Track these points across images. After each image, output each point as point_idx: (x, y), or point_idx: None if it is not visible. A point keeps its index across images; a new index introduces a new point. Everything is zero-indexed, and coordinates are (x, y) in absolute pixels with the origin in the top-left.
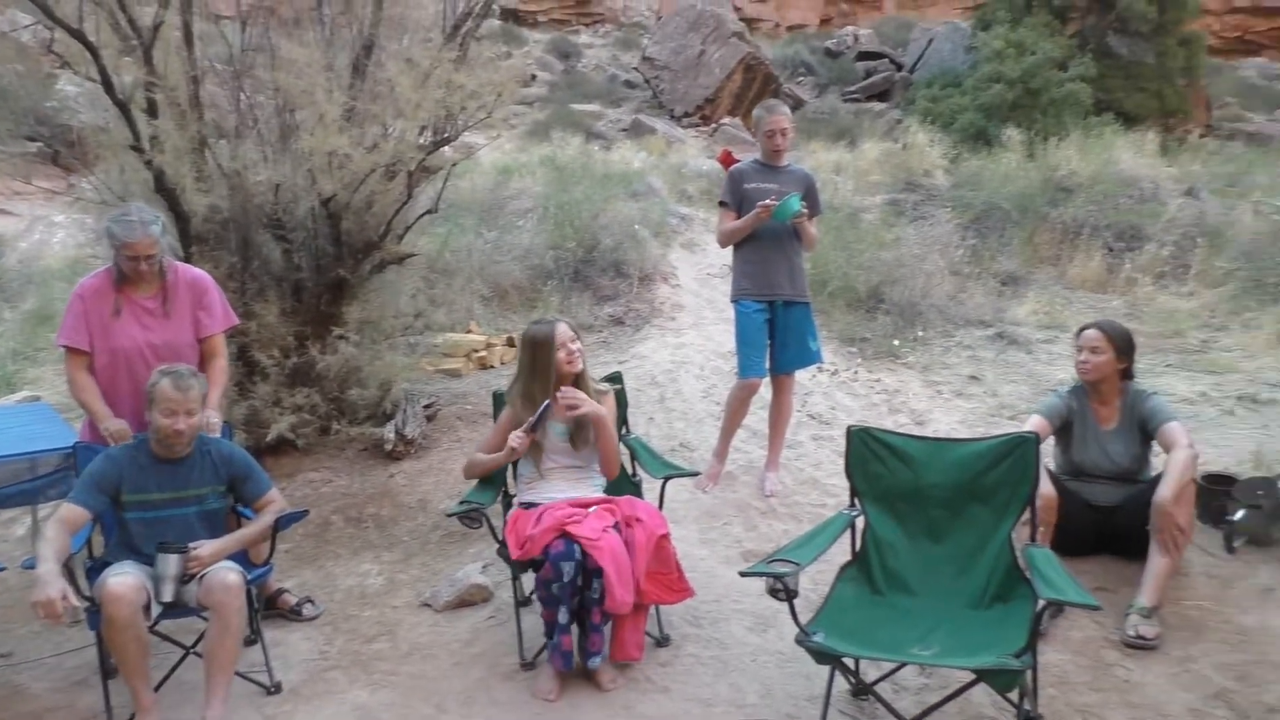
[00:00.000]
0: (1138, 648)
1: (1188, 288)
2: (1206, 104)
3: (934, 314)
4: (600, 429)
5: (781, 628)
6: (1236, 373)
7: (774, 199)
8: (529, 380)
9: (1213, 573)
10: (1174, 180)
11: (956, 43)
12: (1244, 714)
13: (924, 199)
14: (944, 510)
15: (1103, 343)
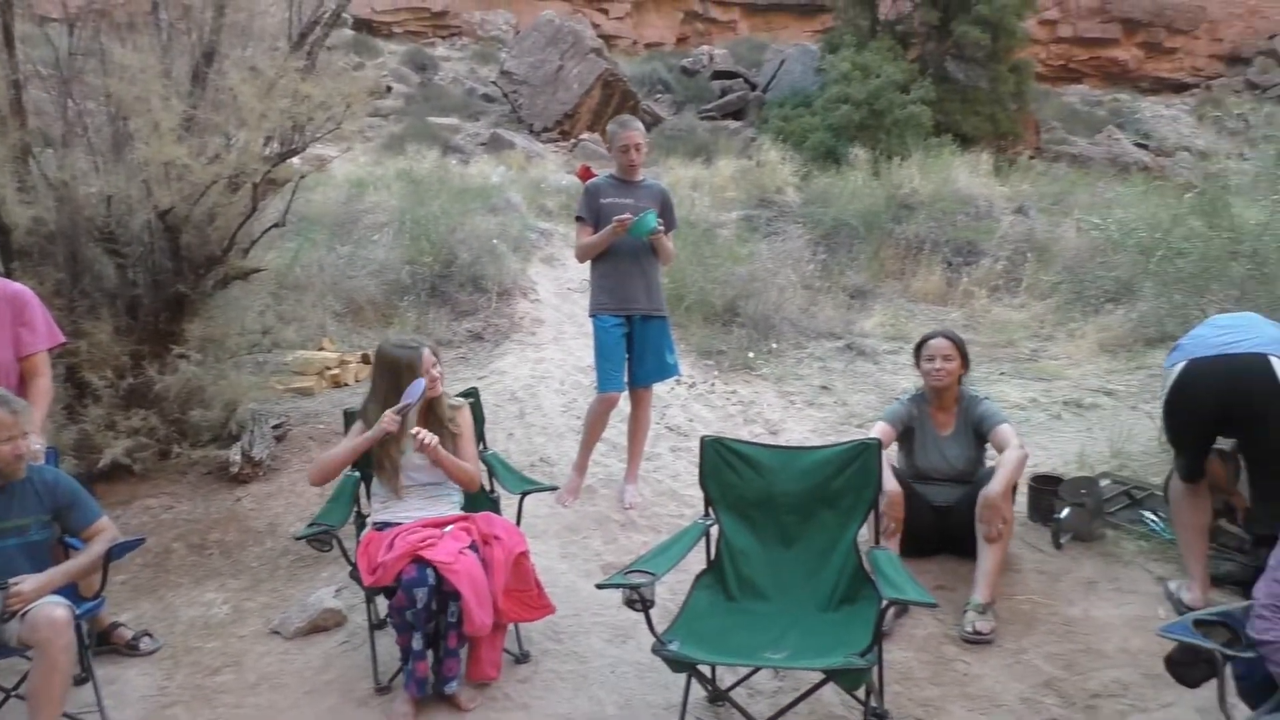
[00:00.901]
0: (975, 642)
1: (1019, 300)
2: (1036, 127)
3: (787, 327)
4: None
5: (640, 638)
6: (1063, 379)
7: (629, 214)
8: (392, 405)
9: (1042, 568)
10: (1006, 199)
11: (807, 64)
12: (1070, 700)
13: (777, 215)
14: (794, 516)
15: (952, 351)
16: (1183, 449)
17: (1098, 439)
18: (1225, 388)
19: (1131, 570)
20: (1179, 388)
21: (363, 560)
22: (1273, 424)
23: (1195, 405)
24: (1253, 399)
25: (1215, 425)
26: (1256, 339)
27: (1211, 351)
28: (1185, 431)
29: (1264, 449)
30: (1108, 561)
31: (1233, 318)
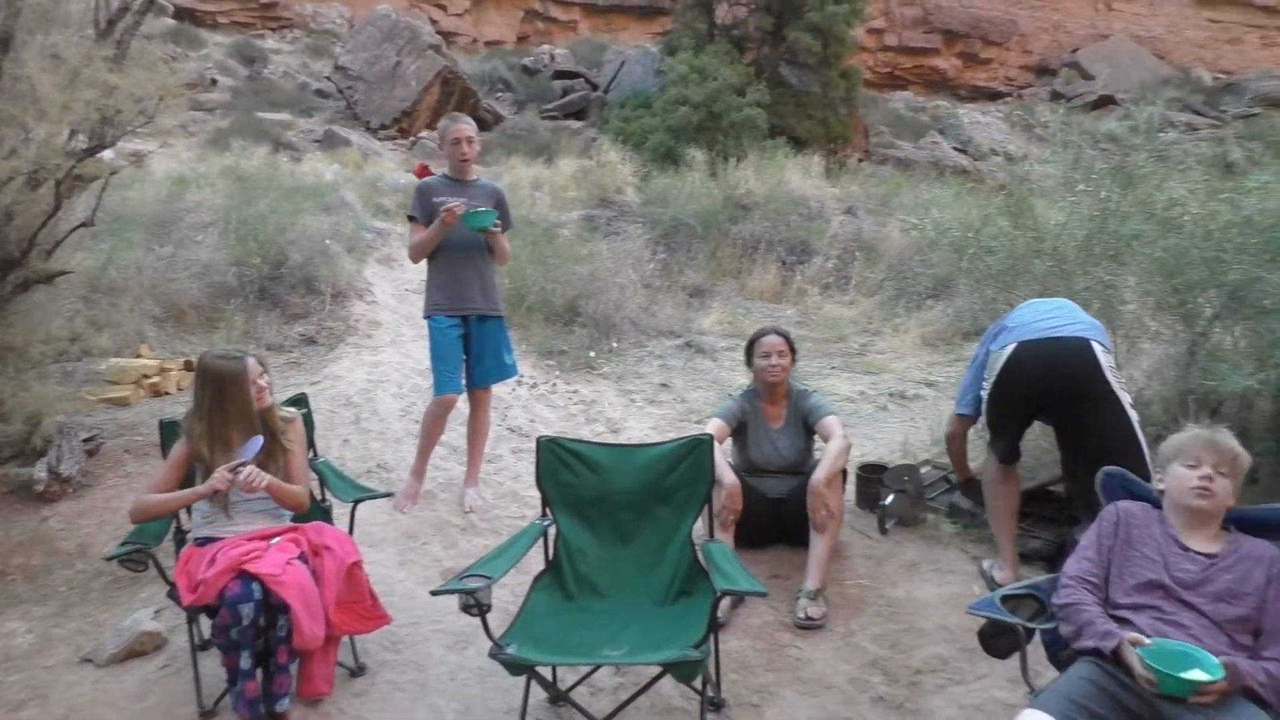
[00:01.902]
0: (807, 628)
1: (849, 297)
2: (865, 131)
3: (628, 326)
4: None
5: (480, 644)
6: (889, 372)
7: (460, 205)
8: (218, 421)
9: (869, 553)
10: (836, 200)
11: (647, 66)
12: (895, 678)
13: (617, 215)
14: (630, 513)
15: (785, 347)
16: (1005, 430)
17: (920, 428)
18: (1050, 369)
19: (950, 551)
20: (1009, 368)
21: (182, 578)
22: (1090, 406)
23: (1023, 385)
24: (1074, 381)
25: (1038, 406)
26: (1077, 324)
27: (1038, 335)
28: (1011, 411)
29: (1081, 430)
30: (929, 544)
31: (1051, 302)
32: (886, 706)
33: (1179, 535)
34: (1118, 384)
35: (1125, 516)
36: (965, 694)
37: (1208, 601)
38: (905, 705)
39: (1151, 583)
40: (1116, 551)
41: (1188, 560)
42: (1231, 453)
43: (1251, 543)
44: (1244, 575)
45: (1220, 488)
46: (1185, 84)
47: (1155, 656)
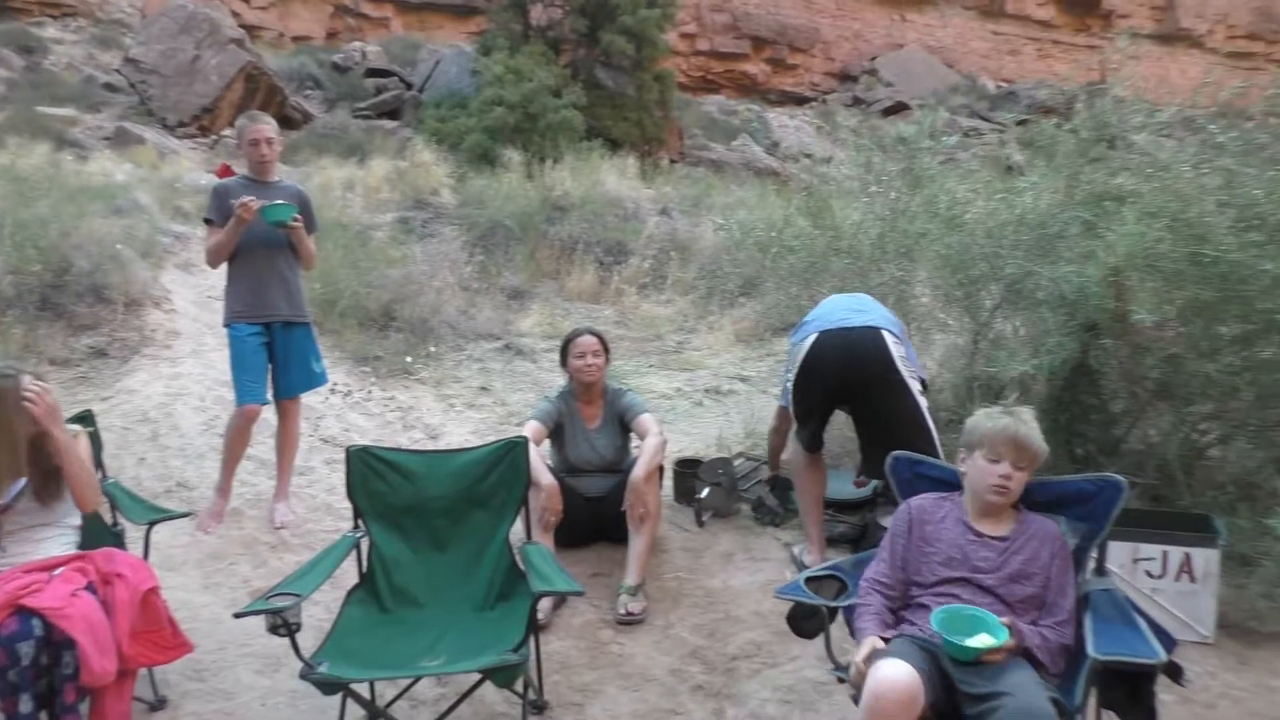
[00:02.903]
0: (628, 623)
1: (665, 296)
2: (679, 134)
3: (445, 329)
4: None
5: (292, 665)
6: (704, 369)
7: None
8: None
9: (687, 546)
10: (651, 201)
11: (462, 66)
12: (713, 666)
13: (433, 217)
14: (446, 519)
15: (600, 346)
16: (809, 419)
17: (734, 422)
18: (846, 358)
19: (763, 540)
20: (811, 357)
21: None
22: (882, 393)
23: (822, 374)
24: (867, 369)
25: (837, 394)
26: (871, 316)
27: (835, 325)
28: (813, 400)
29: (875, 416)
30: (743, 534)
31: (849, 296)
32: (705, 694)
33: (972, 521)
34: (908, 373)
35: (917, 514)
36: (779, 676)
37: (1002, 584)
38: (723, 691)
39: (952, 577)
40: (912, 550)
41: (983, 547)
42: (1031, 451)
43: (1038, 522)
44: (1032, 555)
45: (1017, 483)
46: (972, 91)
47: (945, 624)
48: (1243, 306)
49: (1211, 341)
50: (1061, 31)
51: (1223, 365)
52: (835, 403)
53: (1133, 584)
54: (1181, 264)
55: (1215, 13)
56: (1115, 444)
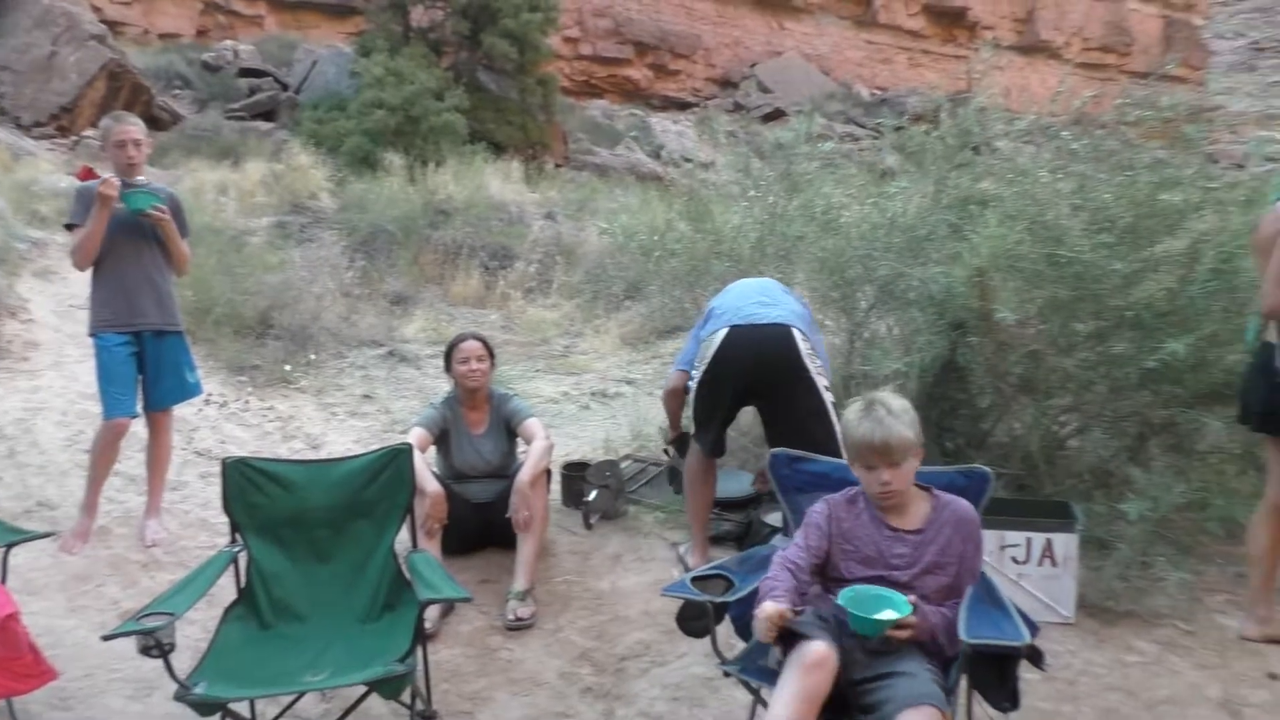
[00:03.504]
0: (517, 628)
1: (551, 300)
2: (563, 138)
3: (326, 336)
4: None
5: (167, 688)
6: (591, 372)
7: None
8: None
9: (575, 549)
10: (536, 205)
11: (341, 67)
12: (602, 668)
13: (311, 221)
14: (328, 530)
15: (483, 351)
16: (712, 420)
17: (621, 424)
18: (757, 355)
19: (651, 540)
20: (721, 354)
21: None
22: (790, 390)
23: (733, 370)
24: (777, 367)
25: (745, 391)
26: (780, 310)
27: (745, 320)
28: (721, 398)
29: (783, 413)
30: (631, 535)
31: (757, 283)
32: (595, 696)
33: (884, 517)
34: (815, 370)
35: (835, 510)
36: (667, 674)
37: (918, 576)
38: (612, 692)
39: (869, 575)
40: (834, 543)
41: (898, 542)
42: (896, 449)
43: (951, 506)
44: (945, 545)
45: (899, 479)
46: (848, 99)
47: (850, 600)
48: (1096, 304)
49: (1068, 338)
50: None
51: (1079, 360)
52: (741, 402)
53: (1000, 570)
54: (1040, 264)
55: (1071, 26)
56: (983, 437)
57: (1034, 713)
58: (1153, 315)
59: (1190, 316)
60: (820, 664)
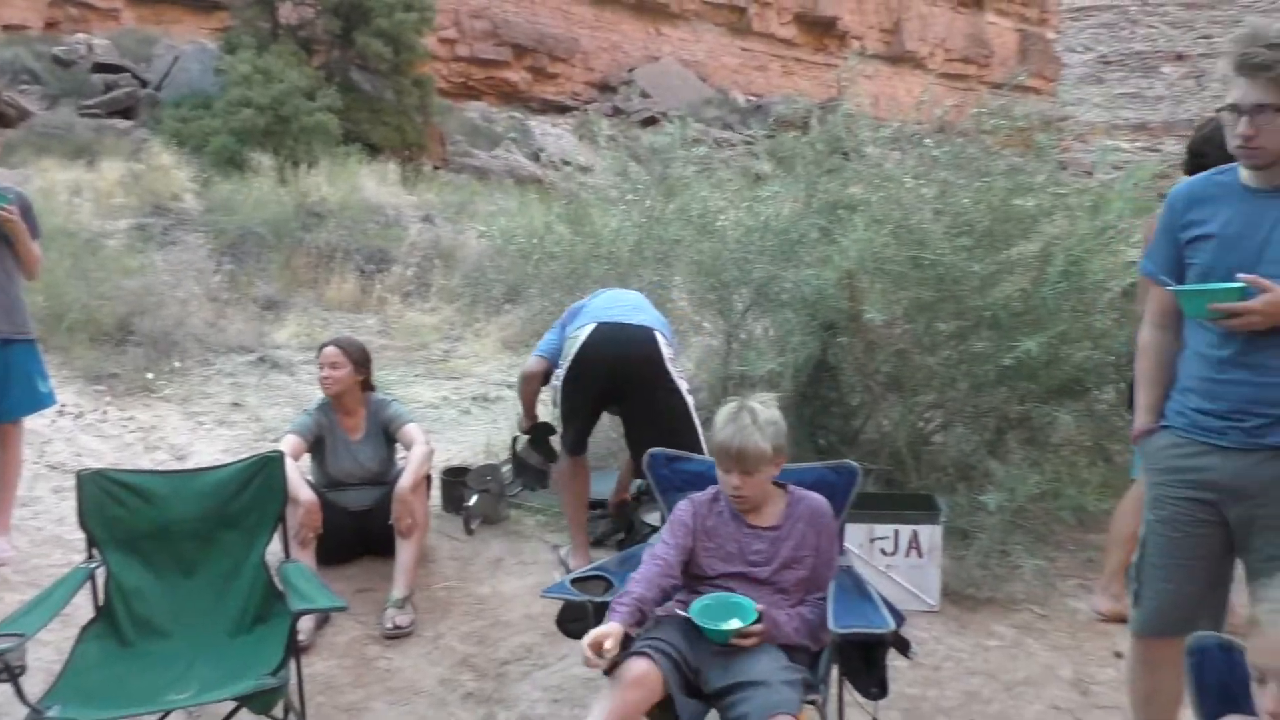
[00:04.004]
0: (395, 637)
1: (430, 304)
2: (441, 140)
3: (192, 343)
4: None
5: (17, 713)
6: (471, 376)
7: None
8: None
9: (456, 554)
10: (413, 207)
11: (205, 63)
12: (483, 673)
13: (175, 224)
14: (194, 542)
15: (341, 358)
16: (575, 417)
17: (502, 428)
18: (620, 353)
19: (532, 544)
20: (586, 350)
21: None
22: (651, 392)
23: (597, 367)
24: (640, 367)
25: (608, 390)
26: (645, 316)
27: (612, 319)
28: (585, 394)
29: (644, 415)
30: (512, 539)
31: (624, 292)
32: (476, 701)
33: (743, 515)
34: (676, 373)
35: (698, 508)
36: (548, 676)
37: (775, 572)
38: (493, 696)
39: (730, 572)
40: (698, 540)
41: (756, 539)
42: (750, 457)
43: (806, 501)
44: (801, 540)
45: (750, 487)
46: (724, 104)
47: (701, 613)
48: (957, 305)
49: (932, 337)
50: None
51: (942, 359)
52: (604, 402)
53: (870, 562)
54: (905, 267)
55: (935, 37)
56: (854, 434)
57: (901, 698)
58: (1009, 315)
59: (1043, 316)
60: (639, 682)
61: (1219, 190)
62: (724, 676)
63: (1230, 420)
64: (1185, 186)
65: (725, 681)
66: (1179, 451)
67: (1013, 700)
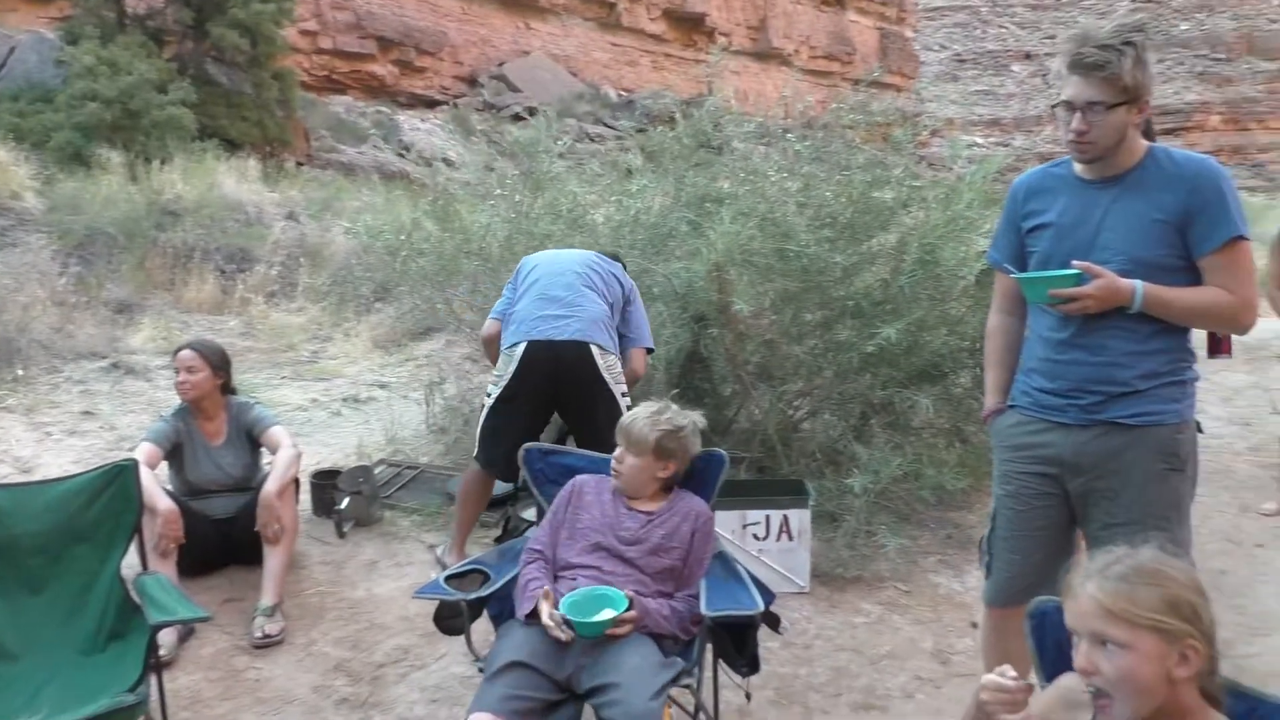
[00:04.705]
0: (265, 646)
1: (297, 304)
2: (305, 135)
3: (37, 350)
4: None
5: None
6: (342, 377)
7: None
8: None
9: (328, 559)
10: (276, 205)
11: (44, 54)
12: (358, 677)
13: (14, 224)
14: (41, 559)
15: (198, 361)
16: (508, 438)
17: (374, 429)
18: (554, 374)
19: (408, 544)
20: (521, 369)
21: None
22: (590, 403)
23: (533, 388)
24: (576, 383)
25: (546, 407)
26: (579, 323)
27: (543, 336)
28: (520, 413)
29: (583, 423)
30: (387, 541)
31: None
32: (351, 706)
33: (625, 498)
34: (613, 380)
35: (578, 488)
36: (426, 677)
37: (642, 555)
38: (370, 701)
39: (598, 544)
40: (567, 520)
41: (630, 519)
42: (627, 433)
43: (687, 500)
44: (673, 530)
45: (628, 466)
46: (596, 99)
47: (571, 608)
48: (821, 295)
49: (799, 327)
50: (672, 45)
51: (808, 348)
52: (540, 420)
53: (743, 547)
54: (771, 259)
55: (800, 35)
56: (727, 424)
57: (774, 678)
58: (870, 304)
59: (901, 304)
60: None
61: (1055, 182)
62: (594, 675)
63: (1069, 398)
64: (1025, 178)
65: (595, 681)
66: (1023, 429)
67: (878, 673)
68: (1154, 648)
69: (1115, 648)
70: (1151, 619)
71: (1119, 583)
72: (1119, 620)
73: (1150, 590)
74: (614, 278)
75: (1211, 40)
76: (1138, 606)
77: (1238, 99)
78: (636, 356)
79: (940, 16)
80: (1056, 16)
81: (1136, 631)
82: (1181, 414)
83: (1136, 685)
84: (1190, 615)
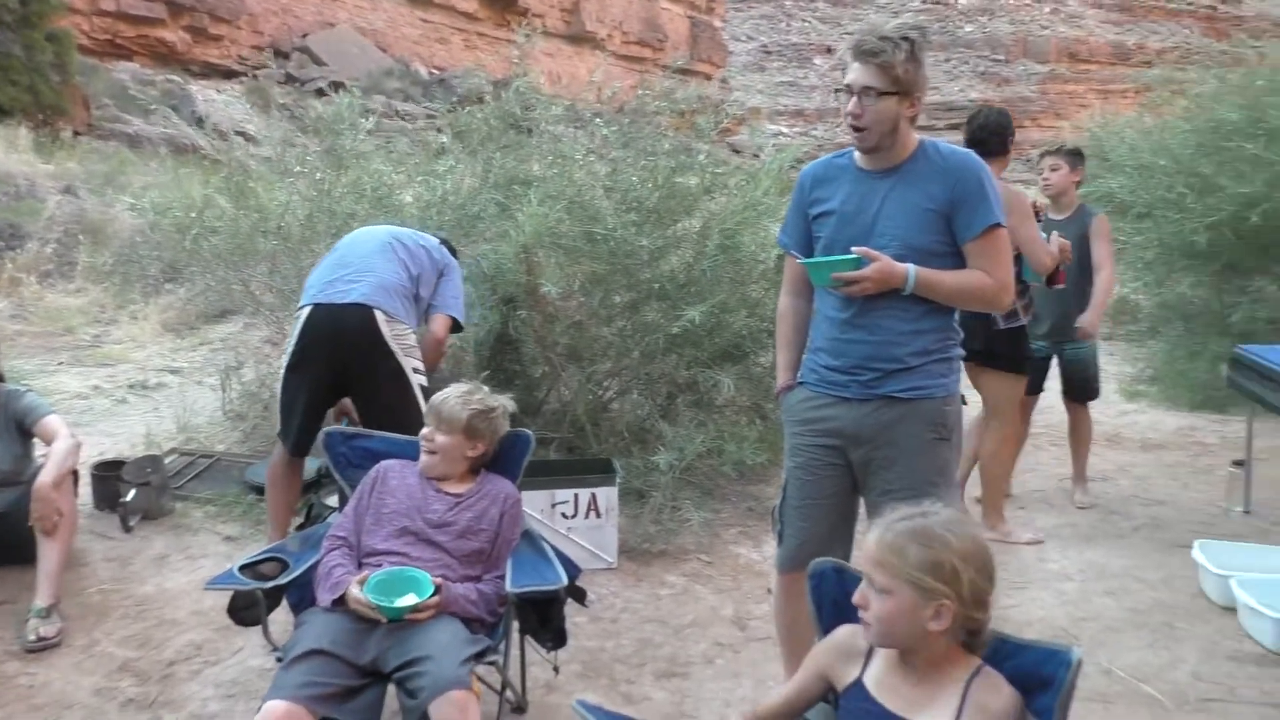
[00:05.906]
0: (39, 649)
1: (75, 285)
2: (85, 103)
3: None
4: None
5: None
6: (128, 363)
7: None
8: None
9: (112, 555)
10: (51, 177)
11: None
12: (146, 676)
13: None
14: None
15: None
16: (296, 413)
17: (165, 417)
18: (334, 338)
19: (202, 536)
20: (305, 334)
21: None
22: (374, 376)
23: (316, 353)
24: (357, 350)
25: (330, 377)
26: (365, 287)
27: (327, 300)
28: (306, 384)
29: (370, 400)
30: (179, 533)
31: (362, 239)
32: (138, 707)
33: (433, 481)
34: (401, 351)
35: (383, 473)
36: (221, 672)
37: (451, 538)
38: (159, 700)
39: (405, 529)
40: (372, 506)
41: (438, 501)
42: (437, 411)
43: (495, 483)
44: (481, 513)
45: (438, 445)
46: (406, 76)
47: (375, 588)
48: (629, 277)
49: (607, 309)
50: (485, 24)
51: (616, 329)
52: (328, 394)
53: (552, 526)
54: (579, 241)
55: (613, 20)
56: (538, 406)
57: (582, 651)
58: (675, 287)
59: (704, 287)
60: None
61: (838, 172)
62: (401, 653)
63: (851, 374)
64: (811, 168)
65: (402, 659)
66: (810, 404)
67: (681, 642)
68: (909, 599)
69: (879, 592)
70: (910, 575)
71: (896, 537)
72: (884, 569)
73: (919, 550)
74: (423, 249)
75: (992, 43)
76: (902, 561)
77: (1014, 98)
78: (436, 320)
79: (748, 8)
80: (855, 14)
81: (897, 582)
82: (948, 388)
83: (890, 626)
84: (948, 578)
